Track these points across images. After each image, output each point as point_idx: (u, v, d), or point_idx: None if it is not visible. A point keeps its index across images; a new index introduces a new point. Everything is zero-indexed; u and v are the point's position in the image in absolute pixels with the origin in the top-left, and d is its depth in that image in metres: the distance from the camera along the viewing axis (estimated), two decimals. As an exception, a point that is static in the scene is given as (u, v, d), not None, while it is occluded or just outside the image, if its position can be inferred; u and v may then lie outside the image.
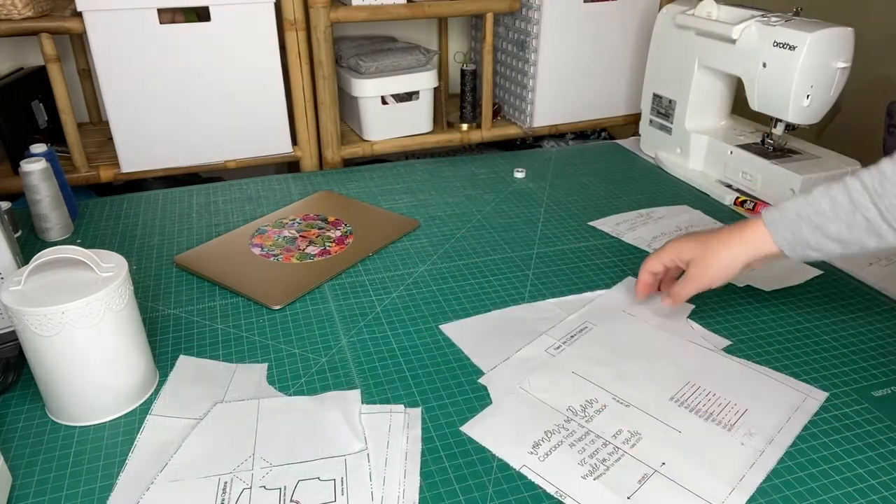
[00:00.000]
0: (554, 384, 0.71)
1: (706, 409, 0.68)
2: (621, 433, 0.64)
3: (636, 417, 0.67)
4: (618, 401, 0.69)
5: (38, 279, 0.64)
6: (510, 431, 0.65)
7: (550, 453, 0.62)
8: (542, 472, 0.61)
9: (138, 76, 1.13)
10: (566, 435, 0.64)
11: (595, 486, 0.59)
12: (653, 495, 0.58)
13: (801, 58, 0.98)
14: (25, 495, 0.59)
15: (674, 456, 0.62)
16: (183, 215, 1.09)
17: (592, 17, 1.39)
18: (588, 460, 0.62)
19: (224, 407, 0.67)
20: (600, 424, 0.66)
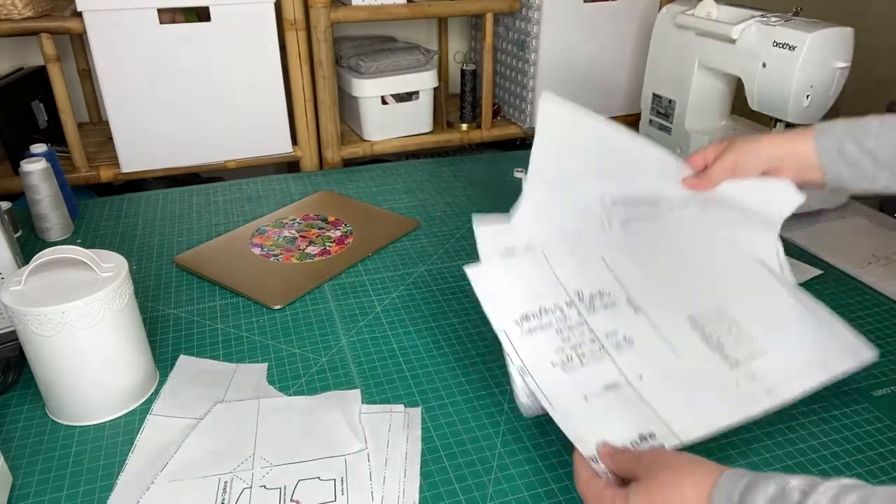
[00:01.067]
0: (576, 263, 0.66)
1: (720, 338, 0.62)
2: (615, 335, 0.61)
3: (640, 324, 0.62)
4: (630, 302, 0.64)
5: (38, 279, 0.64)
6: (508, 292, 0.62)
7: (534, 332, 0.60)
8: (517, 344, 0.59)
9: (138, 76, 1.13)
10: (559, 318, 0.61)
11: (559, 375, 0.57)
12: (611, 405, 0.55)
13: (801, 58, 0.98)
14: (25, 495, 0.59)
15: (655, 374, 0.58)
16: (183, 215, 1.09)
17: (592, 17, 1.39)
18: (566, 350, 0.59)
19: (224, 407, 0.67)
20: (600, 320, 0.62)
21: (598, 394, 0.57)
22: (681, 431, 0.56)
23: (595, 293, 0.64)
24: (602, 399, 0.57)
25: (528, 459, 0.62)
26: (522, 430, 0.66)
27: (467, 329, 0.80)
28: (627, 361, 0.60)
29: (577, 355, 0.59)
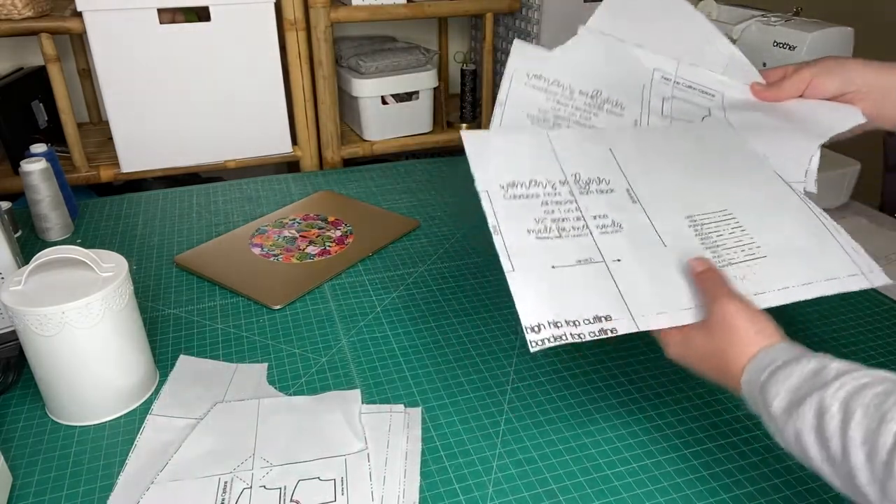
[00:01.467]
0: (580, 150, 0.64)
1: (718, 240, 0.60)
2: (604, 218, 0.59)
3: (633, 214, 0.60)
4: (629, 192, 0.62)
5: (38, 279, 0.64)
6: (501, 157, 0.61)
7: (518, 198, 0.59)
8: (497, 206, 0.58)
9: (138, 76, 1.13)
10: (548, 192, 0.60)
11: (531, 242, 0.56)
12: (577, 279, 0.54)
13: (801, 57, 0.98)
14: (25, 495, 0.59)
15: (635, 259, 0.57)
16: (183, 215, 1.09)
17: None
18: (546, 221, 0.58)
19: (224, 407, 0.67)
20: (592, 202, 0.60)
21: (567, 265, 0.55)
22: (640, 318, 0.55)
23: (593, 178, 0.62)
24: (569, 270, 0.55)
25: (528, 459, 0.62)
26: (522, 430, 0.66)
27: (467, 329, 0.80)
28: (609, 244, 0.58)
29: (556, 228, 0.58)
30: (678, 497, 0.59)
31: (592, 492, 0.59)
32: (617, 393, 0.71)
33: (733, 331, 0.52)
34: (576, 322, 0.53)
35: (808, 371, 0.46)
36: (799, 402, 0.45)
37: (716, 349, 0.53)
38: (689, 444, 0.64)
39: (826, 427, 0.43)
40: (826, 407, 0.43)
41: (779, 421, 0.47)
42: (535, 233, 0.58)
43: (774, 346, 0.51)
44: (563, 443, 0.64)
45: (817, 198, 0.81)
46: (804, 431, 0.45)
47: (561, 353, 0.76)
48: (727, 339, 0.52)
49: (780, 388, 0.47)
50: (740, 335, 0.52)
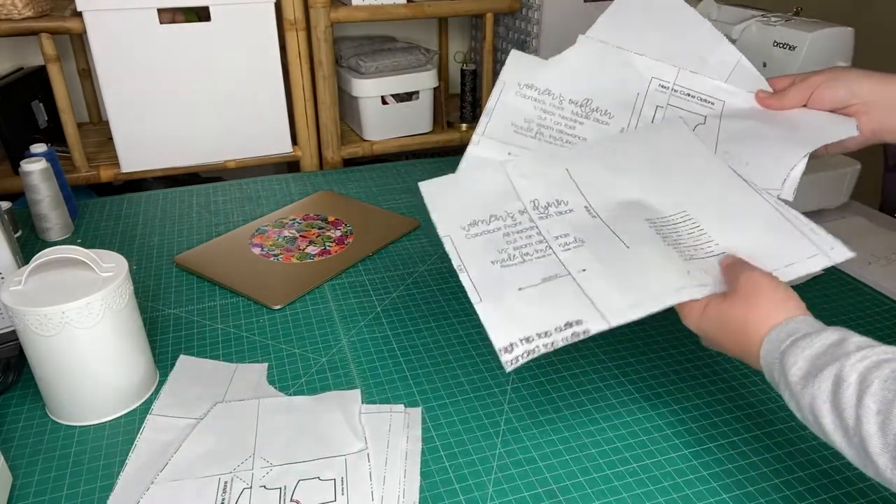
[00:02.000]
0: (536, 177, 0.67)
1: (678, 239, 0.61)
2: (566, 237, 0.61)
3: (593, 228, 0.62)
4: (588, 209, 0.64)
5: (38, 279, 0.64)
6: (460, 201, 0.64)
7: (479, 236, 0.61)
8: (460, 247, 0.60)
9: (138, 76, 1.13)
10: (509, 224, 0.62)
11: (496, 271, 0.58)
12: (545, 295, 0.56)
13: (801, 58, 0.98)
14: (25, 495, 0.59)
15: (599, 266, 0.58)
16: (183, 215, 1.09)
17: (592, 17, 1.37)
18: (509, 251, 0.60)
19: (224, 407, 0.67)
20: (552, 224, 0.62)
21: (533, 285, 0.57)
22: (611, 314, 0.56)
23: (552, 201, 0.64)
24: (536, 289, 0.57)
25: (528, 459, 0.62)
26: (522, 430, 0.66)
27: (467, 329, 0.80)
28: (573, 258, 0.59)
29: (520, 255, 0.60)
30: (678, 497, 0.59)
31: (592, 492, 0.59)
32: (617, 393, 0.71)
33: (760, 296, 0.53)
34: (547, 332, 0.55)
35: (830, 342, 0.47)
36: (817, 371, 0.46)
37: (738, 315, 0.53)
38: (690, 444, 0.64)
39: (842, 396, 0.44)
40: (844, 376, 0.44)
41: (795, 388, 0.47)
42: (500, 262, 0.59)
43: (797, 317, 0.51)
44: (563, 443, 0.64)
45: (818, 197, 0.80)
46: (819, 399, 0.45)
47: (561, 353, 0.76)
48: (752, 303, 0.53)
49: (798, 356, 0.48)
50: (765, 302, 0.53)
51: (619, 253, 0.60)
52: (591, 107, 0.72)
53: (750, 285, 0.54)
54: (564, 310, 0.56)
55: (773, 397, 0.70)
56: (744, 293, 0.54)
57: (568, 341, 0.54)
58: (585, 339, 0.55)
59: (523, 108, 0.71)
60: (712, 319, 0.55)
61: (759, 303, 0.53)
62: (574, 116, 0.72)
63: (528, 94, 0.72)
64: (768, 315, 0.52)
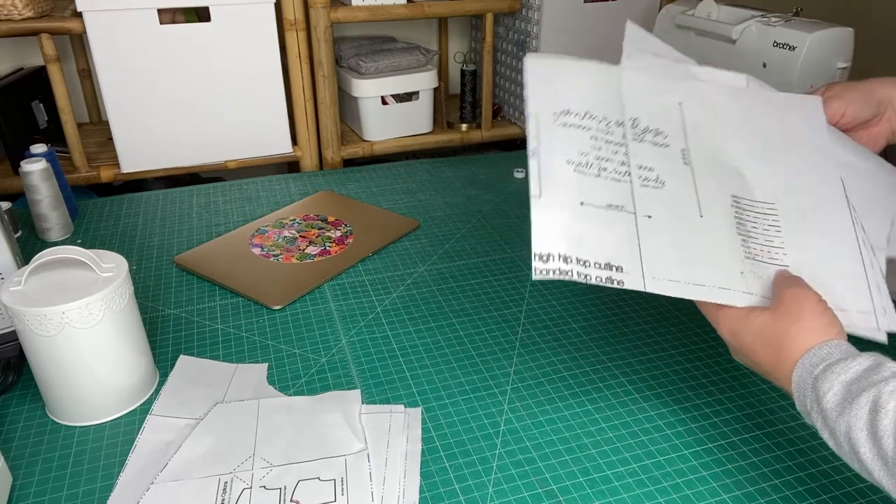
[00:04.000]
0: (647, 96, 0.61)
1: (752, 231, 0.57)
2: (650, 171, 0.56)
3: (680, 175, 0.57)
4: (684, 153, 0.59)
5: (38, 279, 0.64)
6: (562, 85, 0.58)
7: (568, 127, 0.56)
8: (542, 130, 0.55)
9: (138, 76, 1.13)
10: (601, 129, 0.57)
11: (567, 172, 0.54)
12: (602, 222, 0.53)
13: (801, 58, 0.98)
14: (25, 495, 0.59)
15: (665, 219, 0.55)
16: (183, 215, 1.09)
17: (592, 17, 1.39)
18: (590, 157, 0.55)
19: (224, 407, 0.67)
20: (641, 150, 0.57)
21: (595, 205, 0.53)
22: (652, 279, 0.53)
23: (652, 128, 0.59)
24: (596, 211, 0.53)
25: (527, 460, 0.62)
26: (522, 430, 0.66)
27: (467, 329, 0.80)
28: (646, 197, 0.55)
29: (598, 166, 0.55)
30: (678, 497, 0.59)
31: (592, 492, 0.59)
32: (617, 393, 0.71)
33: (802, 315, 0.51)
34: (586, 262, 0.52)
35: (865, 368, 0.46)
36: (853, 397, 0.44)
37: (776, 332, 0.51)
38: (689, 445, 0.64)
39: (879, 423, 0.42)
40: (882, 403, 0.43)
41: (830, 416, 0.46)
42: (575, 164, 0.55)
43: (832, 341, 0.49)
44: (562, 443, 0.64)
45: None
46: (856, 427, 0.44)
47: (561, 353, 0.76)
48: (794, 321, 0.51)
49: (834, 381, 0.46)
50: (808, 323, 0.51)
51: (690, 216, 0.56)
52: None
53: (796, 303, 0.52)
54: (613, 247, 0.53)
55: (773, 398, 0.70)
56: (787, 309, 0.52)
57: (601, 283, 0.52)
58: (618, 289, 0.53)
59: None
60: (751, 330, 0.53)
61: (801, 323, 0.51)
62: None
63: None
64: (808, 337, 0.50)
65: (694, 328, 0.81)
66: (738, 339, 0.54)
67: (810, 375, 0.48)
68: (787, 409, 0.69)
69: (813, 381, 0.48)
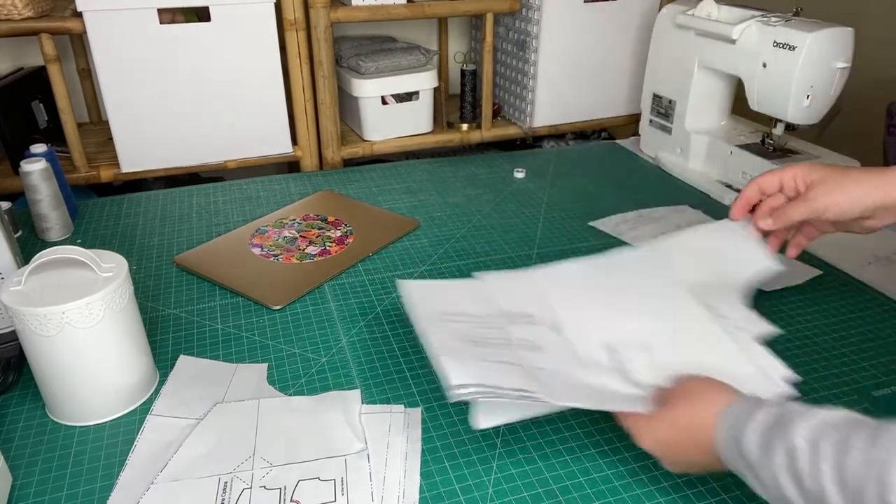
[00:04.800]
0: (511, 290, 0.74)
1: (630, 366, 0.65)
2: (528, 340, 0.67)
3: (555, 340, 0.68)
4: (553, 327, 0.70)
5: (38, 279, 0.64)
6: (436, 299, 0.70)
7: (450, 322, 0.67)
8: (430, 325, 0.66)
9: (138, 76, 1.13)
10: (479, 322, 0.68)
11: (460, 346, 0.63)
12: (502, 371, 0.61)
13: (801, 58, 0.98)
14: (25, 495, 0.59)
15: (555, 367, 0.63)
16: (183, 215, 1.09)
17: (592, 17, 1.39)
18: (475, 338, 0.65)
19: (224, 407, 0.67)
20: (517, 329, 0.68)
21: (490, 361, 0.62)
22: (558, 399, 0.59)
23: (522, 315, 0.71)
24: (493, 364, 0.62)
25: (527, 459, 0.62)
26: (522, 429, 0.66)
27: (467, 329, 0.80)
28: (531, 357, 0.64)
29: (483, 342, 0.65)
30: (678, 497, 0.59)
31: (592, 492, 0.59)
32: (617, 393, 0.70)
33: (696, 389, 0.56)
34: (499, 387, 0.58)
35: (773, 415, 0.48)
36: (769, 445, 0.46)
37: (684, 412, 0.55)
38: (689, 444, 0.64)
39: (797, 465, 0.44)
40: (795, 446, 0.45)
41: (757, 468, 0.48)
42: (464, 341, 0.65)
43: (737, 401, 0.52)
44: (563, 443, 0.64)
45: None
46: (780, 473, 0.45)
47: (561, 353, 0.76)
48: (692, 402, 0.55)
49: (751, 435, 0.48)
50: (704, 391, 0.55)
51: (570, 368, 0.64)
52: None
53: (683, 384, 0.57)
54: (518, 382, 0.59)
55: (773, 397, 0.70)
56: (680, 392, 0.56)
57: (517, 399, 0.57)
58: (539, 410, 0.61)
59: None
60: (660, 425, 0.56)
61: (698, 398, 0.55)
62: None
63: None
64: (712, 404, 0.53)
65: (694, 328, 0.81)
66: (658, 438, 0.56)
67: (731, 437, 0.50)
68: (787, 409, 0.69)
69: (735, 441, 0.50)
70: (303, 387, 0.71)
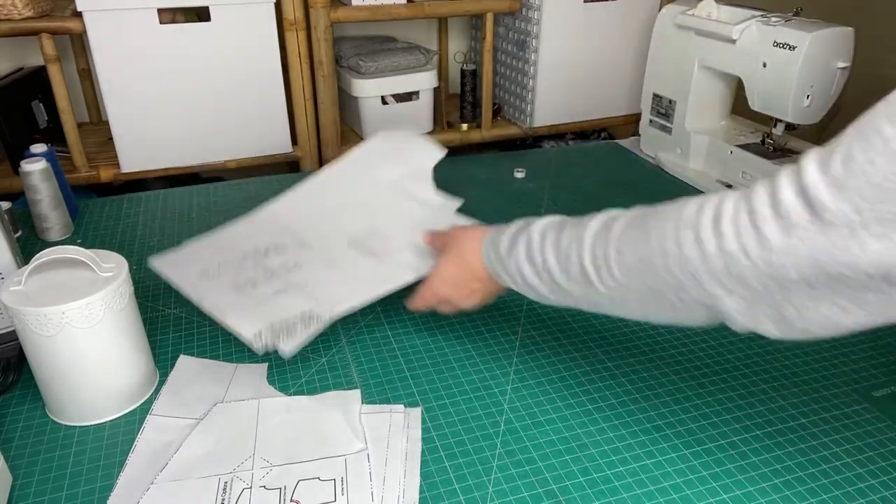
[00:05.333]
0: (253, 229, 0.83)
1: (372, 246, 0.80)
2: (286, 264, 0.77)
3: (307, 253, 0.79)
4: (301, 244, 0.81)
5: (38, 279, 0.64)
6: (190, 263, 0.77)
7: (212, 279, 0.74)
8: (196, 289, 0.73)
9: (138, 76, 1.13)
10: (237, 267, 0.76)
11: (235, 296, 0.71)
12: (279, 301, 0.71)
13: (801, 58, 0.98)
14: (25, 495, 0.59)
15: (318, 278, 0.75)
16: (183, 215, 1.09)
17: (592, 17, 1.39)
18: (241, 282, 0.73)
19: (224, 407, 0.67)
20: (273, 260, 0.77)
21: (268, 298, 0.71)
22: (336, 307, 0.71)
23: (270, 245, 0.80)
24: (271, 300, 0.71)
25: (528, 460, 0.62)
26: (522, 430, 0.66)
27: (467, 329, 0.80)
28: (295, 277, 0.75)
29: (251, 284, 0.73)
30: (678, 497, 0.59)
31: (592, 492, 0.59)
32: (617, 393, 0.71)
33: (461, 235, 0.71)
34: (286, 320, 0.68)
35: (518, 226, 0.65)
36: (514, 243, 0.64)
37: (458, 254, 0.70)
38: (689, 445, 0.64)
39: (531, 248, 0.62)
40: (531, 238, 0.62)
41: (505, 261, 0.64)
42: (236, 290, 0.72)
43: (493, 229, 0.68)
44: (562, 443, 0.64)
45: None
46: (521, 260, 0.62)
47: (561, 353, 0.76)
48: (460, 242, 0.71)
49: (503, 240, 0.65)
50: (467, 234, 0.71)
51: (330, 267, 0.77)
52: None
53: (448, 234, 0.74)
54: (298, 306, 0.69)
55: (773, 397, 0.70)
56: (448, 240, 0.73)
57: (307, 326, 0.68)
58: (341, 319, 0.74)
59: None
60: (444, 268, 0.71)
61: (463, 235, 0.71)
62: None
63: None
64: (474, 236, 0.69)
65: (694, 328, 0.81)
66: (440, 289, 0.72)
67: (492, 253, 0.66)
68: (788, 409, 0.69)
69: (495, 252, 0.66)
70: (303, 387, 0.71)
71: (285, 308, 0.69)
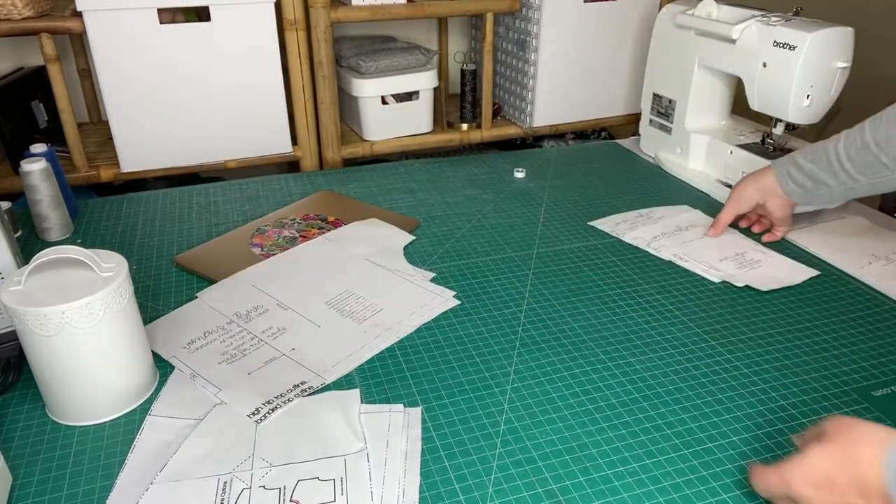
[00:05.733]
0: (230, 296, 0.84)
1: (350, 308, 0.82)
2: (270, 329, 0.78)
3: (289, 317, 0.81)
4: (279, 305, 0.83)
5: (38, 279, 0.64)
6: (175, 332, 0.78)
7: (200, 349, 0.75)
8: (187, 361, 0.73)
9: (138, 76, 1.13)
10: (222, 334, 0.77)
11: (225, 367, 0.72)
12: (270, 372, 0.71)
13: (801, 58, 0.98)
14: (25, 495, 0.59)
15: (304, 344, 0.76)
16: (183, 215, 1.09)
17: (592, 17, 1.39)
18: (230, 351, 0.74)
19: (224, 407, 0.67)
20: (256, 324, 0.79)
21: (259, 369, 0.72)
22: (326, 374, 0.72)
23: (251, 308, 0.82)
24: (262, 371, 0.72)
25: (528, 460, 0.62)
26: (522, 430, 0.66)
27: (467, 329, 0.80)
28: (281, 342, 0.76)
29: (239, 352, 0.75)
30: (678, 497, 0.59)
31: (592, 492, 0.59)
32: (617, 393, 0.71)
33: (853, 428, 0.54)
34: (282, 394, 0.68)
35: None
36: None
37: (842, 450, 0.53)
38: (689, 444, 0.64)
39: None
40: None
41: None
42: (226, 361, 0.73)
43: None
44: (563, 443, 0.64)
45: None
46: None
47: (561, 352, 0.76)
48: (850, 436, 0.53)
49: None
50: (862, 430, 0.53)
51: (314, 332, 0.78)
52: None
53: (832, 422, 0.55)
54: (290, 381, 0.71)
55: (773, 397, 0.70)
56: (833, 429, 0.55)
57: (299, 396, 0.68)
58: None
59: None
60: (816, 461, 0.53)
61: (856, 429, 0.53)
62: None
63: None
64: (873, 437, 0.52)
65: (694, 328, 0.81)
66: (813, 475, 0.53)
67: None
68: (788, 409, 0.69)
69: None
70: (303, 387, 0.71)
71: (280, 381, 0.70)
